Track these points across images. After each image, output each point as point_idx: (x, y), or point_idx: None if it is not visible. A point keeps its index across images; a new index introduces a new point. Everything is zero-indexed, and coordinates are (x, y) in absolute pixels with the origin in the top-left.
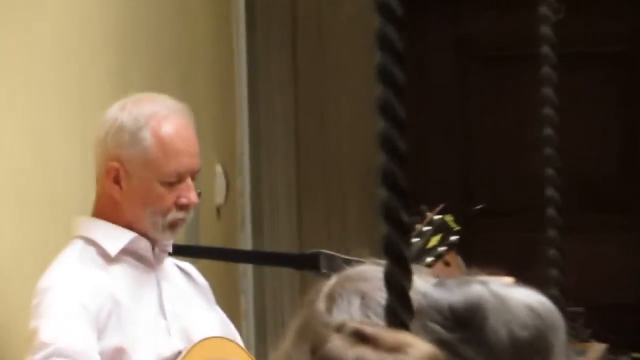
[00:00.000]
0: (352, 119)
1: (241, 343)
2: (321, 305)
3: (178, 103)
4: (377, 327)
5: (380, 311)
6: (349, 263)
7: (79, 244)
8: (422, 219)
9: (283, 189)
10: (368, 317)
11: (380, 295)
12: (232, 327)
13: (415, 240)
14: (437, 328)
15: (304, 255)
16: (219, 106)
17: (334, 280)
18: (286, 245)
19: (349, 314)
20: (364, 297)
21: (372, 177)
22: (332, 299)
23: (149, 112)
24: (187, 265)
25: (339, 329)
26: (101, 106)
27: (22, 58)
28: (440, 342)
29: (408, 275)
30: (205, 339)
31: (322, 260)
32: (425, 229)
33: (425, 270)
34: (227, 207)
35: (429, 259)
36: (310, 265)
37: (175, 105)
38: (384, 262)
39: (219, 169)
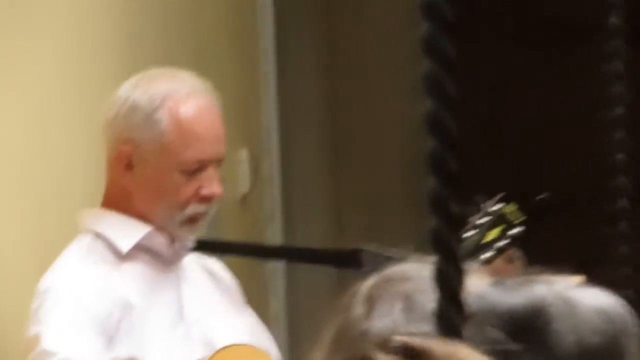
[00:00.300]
0: (395, 95)
1: (275, 352)
2: (358, 309)
3: (199, 80)
4: (426, 338)
5: (426, 315)
6: (392, 260)
7: (86, 239)
8: (477, 209)
9: (317, 174)
10: (411, 320)
11: (426, 298)
12: (265, 333)
13: (469, 233)
14: (495, 334)
15: (342, 252)
16: (241, 81)
17: (372, 280)
18: (321, 239)
19: (390, 319)
20: (406, 299)
21: (418, 161)
22: (370, 303)
23: (165, 90)
24: (211, 262)
25: (383, 345)
26: (107, 86)
27: (23, 37)
28: (498, 350)
29: (460, 274)
30: (229, 346)
31: (363, 257)
32: (482, 220)
33: (481, 268)
34: (253, 195)
35: (486, 255)
36: (349, 262)
37: (196, 82)
38: (431, 259)
39: (243, 152)
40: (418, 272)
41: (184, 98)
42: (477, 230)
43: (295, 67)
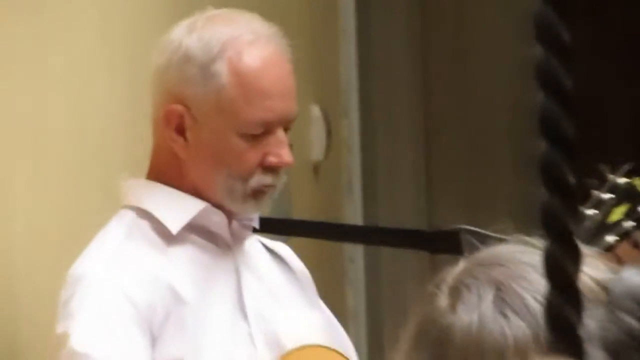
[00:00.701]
0: (497, 40)
1: (353, 353)
2: (443, 300)
3: (265, 24)
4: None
5: (521, 307)
6: (494, 242)
7: (127, 217)
8: (600, 182)
9: (405, 137)
10: (504, 315)
11: (522, 285)
12: (341, 331)
13: (589, 212)
14: (632, 322)
15: (437, 232)
16: (315, 26)
17: (461, 266)
18: (410, 216)
19: (477, 312)
20: (499, 287)
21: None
22: (456, 292)
23: (226, 36)
24: (279, 246)
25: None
26: (156, 33)
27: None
28: (634, 339)
29: (575, 258)
30: (299, 348)
31: (463, 239)
32: (606, 196)
33: (602, 254)
34: (328, 164)
35: (610, 238)
36: (445, 245)
37: (263, 27)
38: (538, 241)
39: (315, 111)
40: (514, 256)
41: (247, 46)
42: (600, 207)
43: (379, 10)
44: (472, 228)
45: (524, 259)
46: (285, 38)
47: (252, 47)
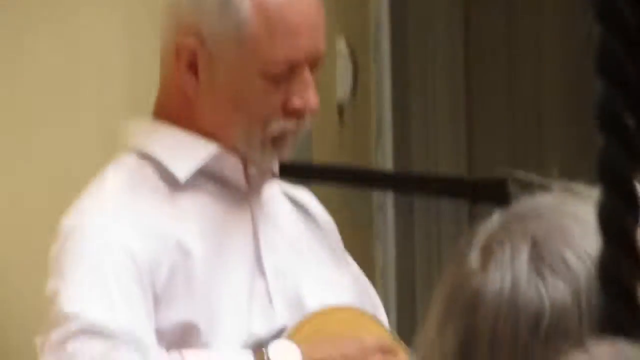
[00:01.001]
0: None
1: (384, 316)
2: (474, 260)
3: None
4: None
5: (560, 265)
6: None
7: (128, 162)
8: None
9: (442, 77)
10: (540, 274)
11: (563, 239)
12: (371, 291)
13: None
14: None
15: (480, 180)
16: None
17: (495, 219)
18: (447, 165)
19: (511, 270)
20: (534, 244)
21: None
22: (488, 250)
23: None
24: (302, 193)
25: None
26: None
27: None
28: None
29: (634, 210)
30: (324, 310)
31: (512, 189)
32: None
33: None
34: (355, 105)
35: None
36: (489, 195)
37: None
38: (585, 190)
39: (341, 45)
40: (555, 206)
41: None
42: None
43: None
44: (521, 176)
45: (566, 209)
46: None
47: None
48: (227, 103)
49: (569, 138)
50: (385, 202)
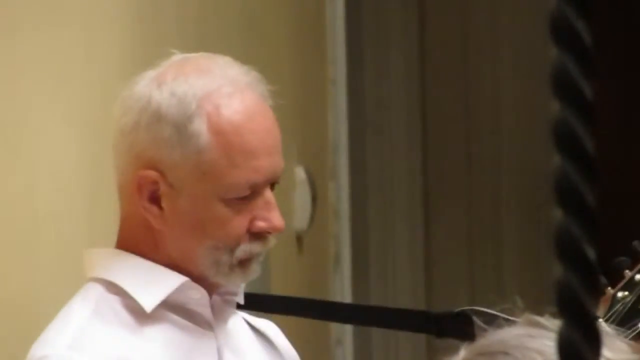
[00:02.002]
0: (511, 91)
1: None
2: None
3: (244, 69)
4: None
5: None
6: (500, 324)
7: (94, 291)
8: (633, 261)
9: (401, 205)
10: None
11: None
12: None
13: (621, 294)
14: None
15: (438, 314)
16: (300, 75)
17: (462, 354)
18: (405, 296)
19: None
20: None
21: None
22: None
23: (202, 89)
24: (265, 324)
25: None
26: (113, 86)
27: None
28: None
29: (595, 344)
30: None
31: (469, 323)
32: (639, 276)
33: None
34: (313, 234)
35: None
36: (453, 329)
37: (240, 73)
38: (547, 322)
39: (300, 173)
40: (521, 341)
41: (226, 99)
42: (632, 289)
43: (373, 58)
44: (483, 309)
45: (531, 344)
46: (264, 83)
47: (232, 99)
48: (192, 232)
49: (528, 268)
50: (344, 334)
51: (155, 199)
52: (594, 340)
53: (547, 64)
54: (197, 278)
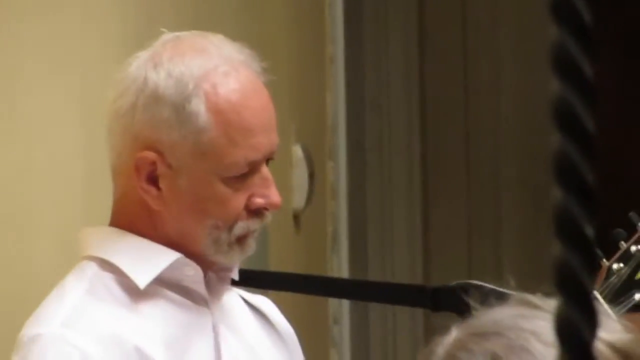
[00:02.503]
0: (512, 76)
1: None
2: None
3: (238, 47)
4: None
5: None
6: (498, 302)
7: (88, 269)
8: (629, 233)
9: (399, 183)
10: None
11: (524, 358)
12: None
13: (616, 266)
14: None
15: (434, 289)
16: (299, 53)
17: (453, 334)
18: (403, 274)
19: None
20: None
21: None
22: None
23: (199, 69)
24: (261, 301)
25: None
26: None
27: None
28: None
29: (592, 324)
30: None
31: (471, 296)
32: (635, 248)
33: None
34: (311, 212)
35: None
36: (449, 303)
37: (235, 51)
38: (540, 302)
39: (297, 151)
40: (514, 321)
41: (223, 77)
42: (628, 261)
43: (373, 37)
44: (481, 284)
45: (525, 325)
46: (258, 60)
47: (228, 78)
48: (191, 212)
49: (527, 248)
50: (341, 311)
51: (153, 180)
52: (592, 319)
53: (547, 46)
54: (192, 255)
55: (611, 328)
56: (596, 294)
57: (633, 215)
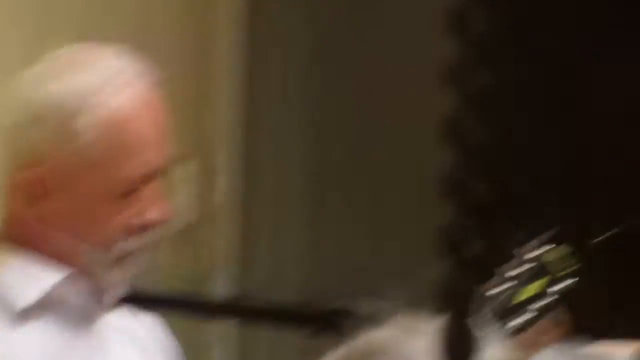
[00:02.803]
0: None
1: None
2: None
3: (130, 58)
4: None
5: None
6: (380, 321)
7: None
8: (519, 252)
9: (293, 203)
10: None
11: None
12: None
13: (503, 286)
14: None
15: (318, 312)
16: (193, 62)
17: (340, 352)
18: (291, 294)
19: None
20: None
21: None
22: None
23: (85, 85)
24: (148, 321)
25: None
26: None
27: None
28: None
29: (474, 340)
30: None
31: (348, 321)
32: (519, 269)
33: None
34: (201, 227)
35: (523, 319)
36: (329, 326)
37: (127, 63)
38: (419, 324)
39: (190, 166)
40: (399, 342)
41: (111, 91)
42: (512, 282)
43: (271, 50)
44: (362, 307)
45: (410, 346)
46: (153, 73)
47: (117, 92)
48: (72, 231)
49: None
50: (228, 331)
51: (37, 198)
52: (469, 340)
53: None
54: (79, 273)
55: (499, 347)
56: (477, 316)
57: (519, 235)
